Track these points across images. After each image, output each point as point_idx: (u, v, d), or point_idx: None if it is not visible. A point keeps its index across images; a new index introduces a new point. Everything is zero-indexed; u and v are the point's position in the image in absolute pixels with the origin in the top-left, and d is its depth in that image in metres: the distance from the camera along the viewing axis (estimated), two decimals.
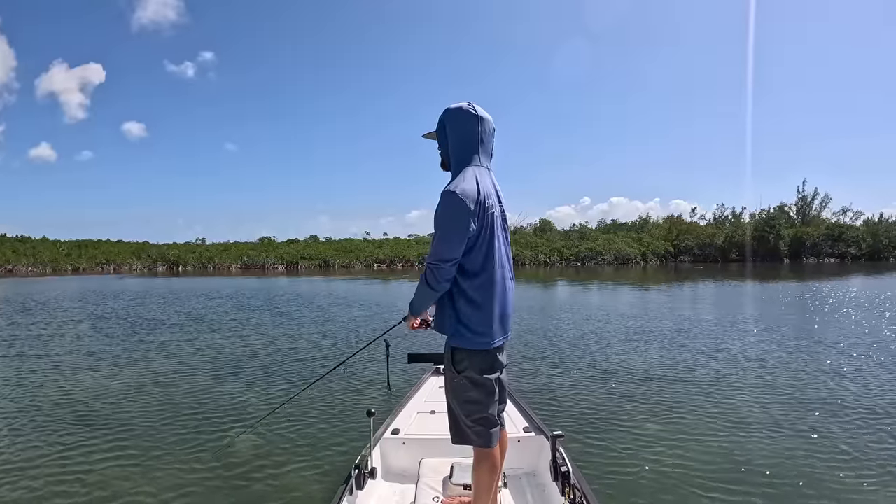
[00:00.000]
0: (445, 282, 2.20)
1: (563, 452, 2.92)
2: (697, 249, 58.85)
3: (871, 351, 8.60)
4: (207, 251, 61.13)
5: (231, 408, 5.86)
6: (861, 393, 6.14)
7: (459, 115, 2.28)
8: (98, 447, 4.69)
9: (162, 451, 4.57)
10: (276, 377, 7.32)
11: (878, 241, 56.84)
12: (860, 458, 4.26)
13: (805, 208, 63.83)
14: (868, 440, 4.66)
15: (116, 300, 19.67)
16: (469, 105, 2.28)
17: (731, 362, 7.82)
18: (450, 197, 2.13)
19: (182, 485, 3.92)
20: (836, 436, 4.77)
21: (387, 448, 3.42)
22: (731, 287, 24.39)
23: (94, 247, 60.13)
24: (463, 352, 2.26)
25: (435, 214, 2.16)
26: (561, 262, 55.49)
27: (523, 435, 3.41)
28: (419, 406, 3.95)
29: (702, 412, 5.47)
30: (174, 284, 30.70)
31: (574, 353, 8.58)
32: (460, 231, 2.12)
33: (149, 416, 5.59)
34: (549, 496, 3.01)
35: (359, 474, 2.90)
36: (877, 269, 36.67)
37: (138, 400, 6.20)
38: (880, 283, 24.23)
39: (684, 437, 4.77)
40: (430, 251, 2.18)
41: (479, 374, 2.25)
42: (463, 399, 2.29)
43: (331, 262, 57.87)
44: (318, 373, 7.49)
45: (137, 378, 7.26)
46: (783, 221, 59.42)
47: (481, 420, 2.29)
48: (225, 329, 12.03)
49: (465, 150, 2.29)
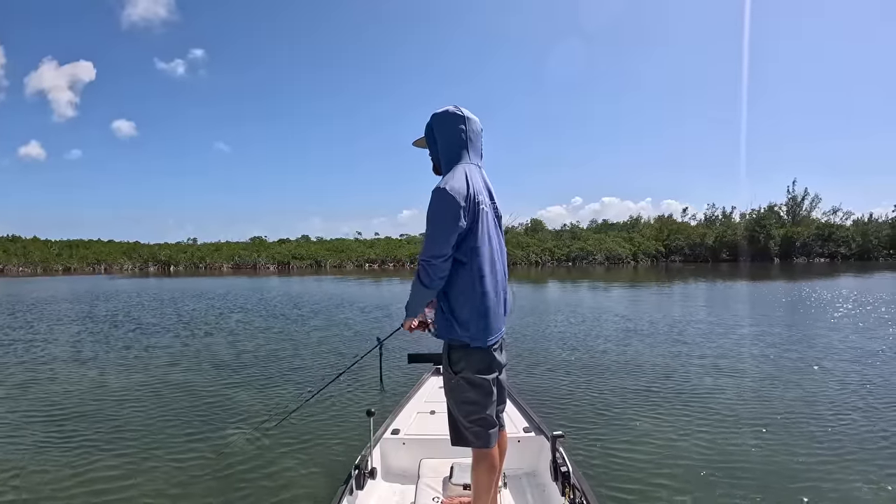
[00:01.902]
0: (439, 279, 2.22)
1: (563, 452, 2.93)
2: (688, 249, 59.14)
3: (858, 348, 8.70)
4: (199, 251, 60.83)
5: (231, 408, 5.83)
6: (855, 390, 6.20)
7: (446, 117, 2.36)
8: (96, 448, 4.66)
9: (160, 451, 4.54)
10: (275, 377, 7.28)
11: (867, 240, 57.33)
12: (855, 451, 4.31)
13: (795, 208, 64.29)
14: (864, 434, 4.72)
15: (109, 301, 19.51)
16: (454, 107, 2.35)
17: (729, 362, 7.84)
18: (439, 193, 2.17)
19: (181, 485, 3.90)
20: (843, 434, 4.80)
21: (387, 448, 3.42)
22: (723, 287, 24.51)
23: (86, 247, 59.70)
24: (459, 350, 2.27)
25: (427, 212, 2.20)
26: (552, 262, 55.64)
27: (523, 435, 3.42)
28: (419, 406, 3.95)
29: (702, 412, 5.49)
30: (166, 285, 30.51)
31: (574, 353, 8.59)
32: (450, 227, 2.15)
33: (145, 416, 5.56)
34: (549, 496, 3.02)
35: (359, 474, 2.91)
36: (866, 269, 37.00)
37: (135, 401, 6.15)
38: (868, 283, 24.45)
39: (685, 436, 4.78)
40: (422, 249, 2.21)
41: (476, 375, 2.26)
42: (461, 400, 2.30)
43: (322, 262, 57.77)
44: (314, 373, 7.49)
45: (133, 379, 7.20)
46: (773, 221, 59.76)
47: (479, 421, 2.30)
48: (220, 329, 11.96)
49: (454, 149, 2.34)
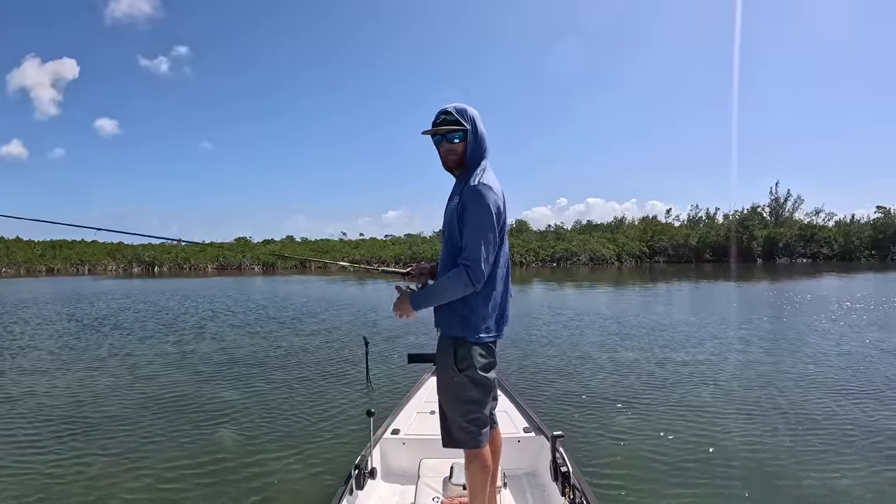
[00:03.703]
0: (479, 284, 2.14)
1: (563, 452, 2.93)
2: (672, 250, 59.37)
3: (838, 343, 8.94)
4: (183, 252, 60.06)
5: (229, 408, 5.79)
6: (855, 391, 6.32)
7: (478, 114, 2.31)
8: (93, 448, 4.63)
9: (159, 451, 4.51)
10: (273, 376, 7.24)
11: (849, 241, 58.01)
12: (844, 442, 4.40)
13: (778, 209, 65.01)
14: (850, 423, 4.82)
15: (94, 303, 19.20)
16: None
17: (727, 363, 7.92)
18: (487, 192, 2.13)
19: (181, 485, 3.87)
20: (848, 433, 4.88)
21: (387, 448, 3.41)
22: (707, 287, 24.79)
23: (69, 247, 58.61)
24: (467, 346, 2.24)
25: (468, 209, 2.14)
26: (536, 263, 55.80)
27: (523, 435, 3.42)
28: (419, 406, 3.94)
29: (702, 412, 5.53)
30: (151, 286, 30.14)
31: (573, 354, 8.62)
32: (494, 229, 2.15)
33: (142, 416, 5.51)
34: (549, 496, 3.03)
35: (359, 474, 2.90)
36: (847, 270, 37.60)
37: (125, 401, 6.10)
38: (849, 283, 24.86)
39: (685, 436, 4.81)
40: (470, 248, 2.12)
41: (480, 372, 2.26)
42: (462, 399, 2.29)
43: (307, 263, 57.50)
44: (306, 373, 7.44)
45: (123, 381, 7.12)
46: (756, 222, 60.39)
47: (475, 420, 2.30)
48: (208, 331, 11.84)
49: (484, 148, 2.31)
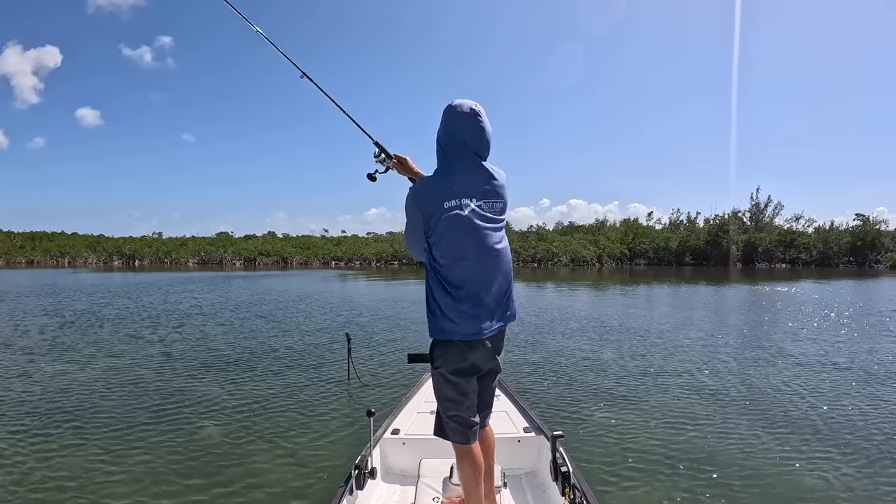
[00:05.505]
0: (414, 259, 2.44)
1: (563, 452, 2.93)
2: (652, 253, 59.90)
3: (818, 346, 9.14)
4: (164, 245, 59.61)
5: (229, 408, 5.73)
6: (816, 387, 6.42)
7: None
8: (92, 447, 4.58)
9: (157, 451, 4.46)
10: (272, 377, 7.17)
11: (828, 247, 58.77)
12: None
13: (758, 215, 65.93)
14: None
15: (75, 295, 18.88)
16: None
17: (727, 363, 8.00)
18: (409, 195, 2.29)
19: (180, 486, 3.82)
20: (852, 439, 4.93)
21: (387, 448, 3.39)
22: (687, 290, 25.03)
23: (49, 239, 57.81)
24: (439, 347, 2.28)
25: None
26: (517, 263, 56.03)
27: (523, 435, 3.42)
28: (419, 406, 3.92)
29: (703, 412, 5.58)
30: (131, 279, 29.70)
31: (573, 354, 8.66)
32: (414, 225, 2.27)
33: (138, 416, 5.44)
34: (549, 496, 3.03)
35: (359, 474, 2.88)
36: (825, 275, 38.30)
37: (116, 398, 6.04)
38: (827, 288, 25.30)
39: (685, 436, 4.86)
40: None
41: (451, 373, 2.27)
42: (440, 395, 2.36)
43: (288, 259, 57.26)
44: (307, 371, 7.44)
45: (114, 377, 7.05)
46: (736, 227, 61.19)
47: (455, 418, 2.34)
48: (215, 329, 11.68)
49: (444, 149, 2.33)
